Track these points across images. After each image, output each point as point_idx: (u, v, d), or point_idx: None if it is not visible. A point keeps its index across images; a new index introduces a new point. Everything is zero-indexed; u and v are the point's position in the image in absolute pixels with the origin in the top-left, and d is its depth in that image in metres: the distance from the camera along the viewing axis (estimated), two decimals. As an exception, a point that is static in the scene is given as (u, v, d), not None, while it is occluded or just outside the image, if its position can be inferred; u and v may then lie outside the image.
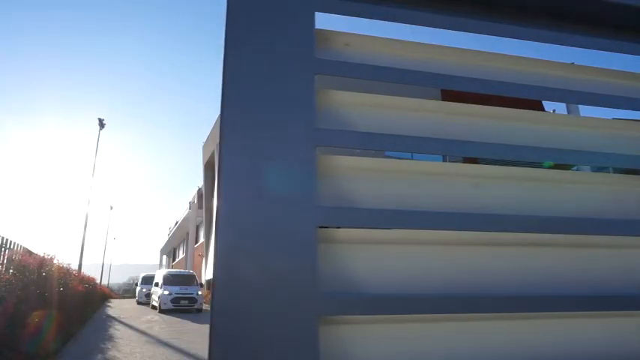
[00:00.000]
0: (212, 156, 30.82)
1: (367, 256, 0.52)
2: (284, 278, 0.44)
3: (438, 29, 0.61)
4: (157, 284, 19.62)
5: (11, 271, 6.13)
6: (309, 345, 0.43)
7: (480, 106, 0.62)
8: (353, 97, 0.58)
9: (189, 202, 37.97)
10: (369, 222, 0.51)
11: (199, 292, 18.53)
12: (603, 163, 0.62)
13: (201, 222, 33.62)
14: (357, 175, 0.55)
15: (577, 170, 0.64)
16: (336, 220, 0.49)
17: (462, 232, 0.54)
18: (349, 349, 0.48)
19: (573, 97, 0.65)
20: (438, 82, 0.59)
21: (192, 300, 17.97)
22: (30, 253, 7.61)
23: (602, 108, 0.66)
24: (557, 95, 0.64)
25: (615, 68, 0.70)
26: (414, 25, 0.60)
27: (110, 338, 9.32)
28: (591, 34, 0.67)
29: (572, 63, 0.69)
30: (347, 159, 0.55)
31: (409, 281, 0.52)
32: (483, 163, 0.59)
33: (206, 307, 20.10)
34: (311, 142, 0.49)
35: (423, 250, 0.54)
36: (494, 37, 0.64)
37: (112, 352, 7.49)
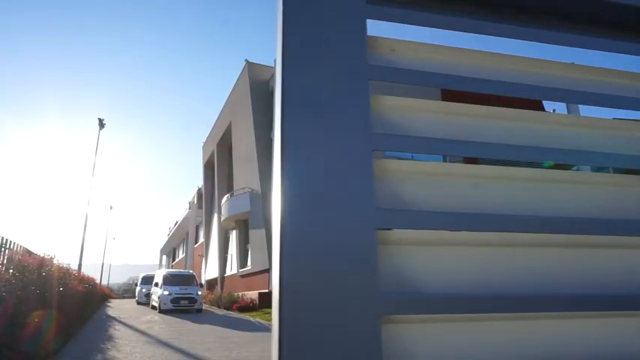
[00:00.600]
0: (212, 156, 30.81)
1: (423, 256, 0.54)
2: (347, 279, 0.46)
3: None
4: (156, 284, 19.59)
5: (11, 271, 6.13)
6: (372, 343, 0.45)
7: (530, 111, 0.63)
8: (404, 102, 0.60)
9: (189, 202, 37.97)
10: (426, 224, 0.53)
11: (199, 292, 18.51)
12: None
13: (201, 222, 33.62)
14: (411, 178, 0.57)
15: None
16: (394, 222, 0.51)
17: (514, 233, 0.56)
18: (409, 347, 0.50)
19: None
20: (486, 86, 0.61)
21: (192, 300, 17.94)
22: (30, 253, 7.61)
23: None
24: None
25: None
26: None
27: (110, 338, 9.32)
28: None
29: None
30: (400, 162, 0.56)
31: (465, 281, 0.53)
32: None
33: (206, 307, 20.11)
34: (368, 147, 0.51)
35: (478, 250, 0.56)
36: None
37: (111, 352, 7.49)
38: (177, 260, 46.18)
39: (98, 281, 29.61)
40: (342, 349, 0.44)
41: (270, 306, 17.21)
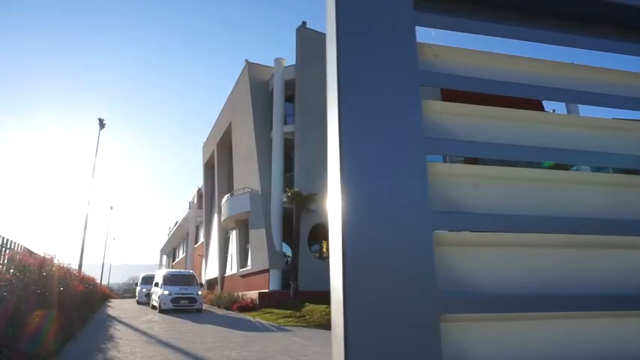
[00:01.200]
0: (212, 156, 30.79)
1: (477, 257, 0.56)
2: (406, 280, 0.48)
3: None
4: (156, 284, 19.58)
5: (12, 271, 6.13)
6: (433, 341, 0.47)
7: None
8: (453, 107, 0.62)
9: (189, 202, 37.96)
10: (478, 225, 0.55)
11: (199, 292, 18.50)
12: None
13: (201, 222, 33.60)
14: (462, 181, 0.58)
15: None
16: (449, 224, 0.54)
17: (569, 235, 0.57)
18: (466, 343, 0.52)
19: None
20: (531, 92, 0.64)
21: (192, 300, 17.93)
22: (30, 253, 7.61)
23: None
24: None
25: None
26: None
27: (110, 338, 9.32)
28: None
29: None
30: (450, 166, 0.58)
31: (519, 280, 0.55)
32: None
33: (206, 307, 20.10)
34: (421, 151, 0.53)
35: (530, 251, 0.57)
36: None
37: (112, 352, 7.49)
38: (177, 260, 46.17)
39: (98, 281, 29.61)
40: (404, 347, 0.46)
41: (269, 306, 17.21)
